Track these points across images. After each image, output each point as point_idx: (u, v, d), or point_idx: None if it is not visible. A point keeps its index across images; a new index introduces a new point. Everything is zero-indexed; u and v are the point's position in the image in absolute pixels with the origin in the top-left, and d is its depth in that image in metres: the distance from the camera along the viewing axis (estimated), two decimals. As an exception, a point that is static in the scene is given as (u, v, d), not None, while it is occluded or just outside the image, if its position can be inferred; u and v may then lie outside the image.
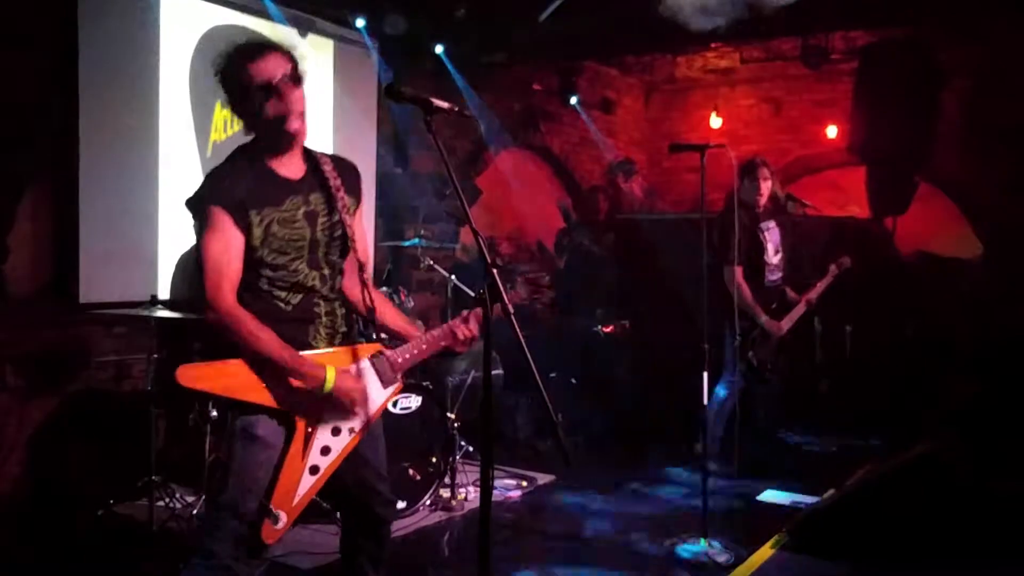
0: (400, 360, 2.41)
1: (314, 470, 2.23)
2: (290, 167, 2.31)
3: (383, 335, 2.51)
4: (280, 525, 2.18)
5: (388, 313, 2.51)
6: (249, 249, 2.22)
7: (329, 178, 2.34)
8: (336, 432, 2.26)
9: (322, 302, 2.31)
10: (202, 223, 2.20)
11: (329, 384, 2.20)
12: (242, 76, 2.20)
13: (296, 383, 2.20)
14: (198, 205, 2.22)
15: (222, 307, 2.16)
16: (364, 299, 2.43)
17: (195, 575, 2.16)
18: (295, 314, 2.24)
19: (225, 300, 2.17)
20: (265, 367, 2.19)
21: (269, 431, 2.18)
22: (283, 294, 2.26)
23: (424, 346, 2.43)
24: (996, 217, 6.88)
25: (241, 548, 2.15)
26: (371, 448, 2.40)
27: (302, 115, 2.25)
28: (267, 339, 2.17)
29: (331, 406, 2.26)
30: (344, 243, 2.37)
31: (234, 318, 2.16)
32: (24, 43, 3.95)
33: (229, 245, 2.19)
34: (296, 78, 2.24)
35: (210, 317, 2.17)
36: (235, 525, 2.15)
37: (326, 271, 2.33)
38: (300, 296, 2.27)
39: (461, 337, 2.43)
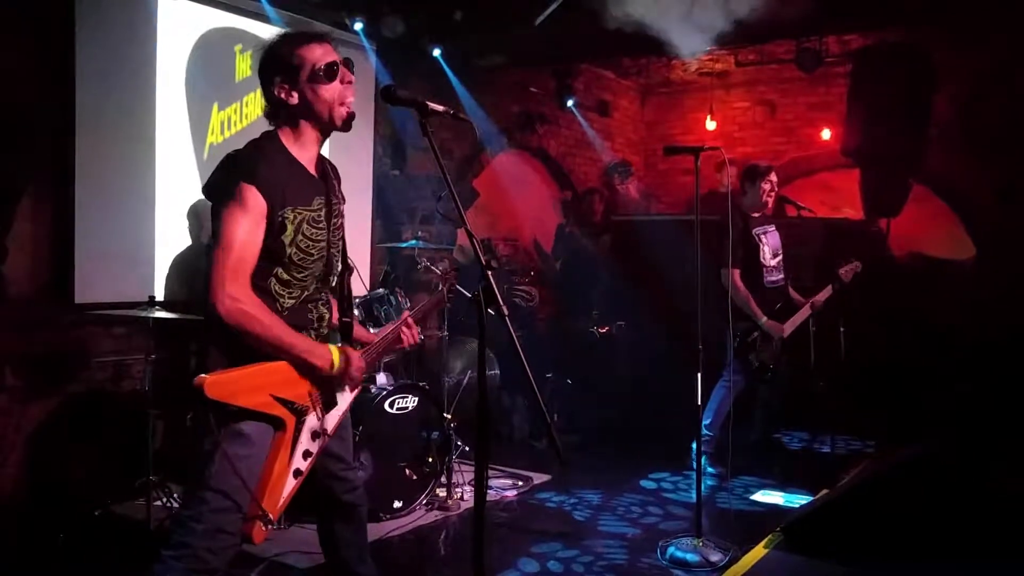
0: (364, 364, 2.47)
1: (297, 473, 2.27)
2: (311, 163, 2.30)
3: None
4: (270, 527, 2.21)
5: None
6: (275, 247, 2.16)
7: (331, 177, 2.37)
8: (315, 436, 2.31)
9: (315, 308, 2.33)
10: (230, 201, 2.09)
11: (338, 364, 2.27)
12: (305, 53, 2.19)
13: (304, 371, 2.22)
14: (227, 184, 2.12)
15: (240, 294, 2.08)
16: (342, 304, 2.46)
17: (167, 568, 2.08)
18: (289, 319, 2.22)
19: (244, 287, 2.10)
20: (278, 368, 2.17)
21: (255, 428, 2.17)
22: (291, 302, 2.24)
23: (382, 349, 2.55)
24: (989, 218, 6.93)
25: (217, 539, 2.11)
26: (335, 441, 2.42)
27: (351, 108, 2.26)
28: (281, 328, 2.15)
29: (330, 388, 2.30)
30: (345, 246, 2.41)
31: (252, 307, 2.10)
32: (21, 45, 3.97)
33: (255, 232, 2.11)
34: (352, 70, 2.26)
35: (223, 305, 2.05)
36: (215, 517, 2.11)
37: (330, 275, 2.35)
38: (299, 302, 2.27)
39: (408, 343, 2.55)
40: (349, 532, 2.51)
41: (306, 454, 2.28)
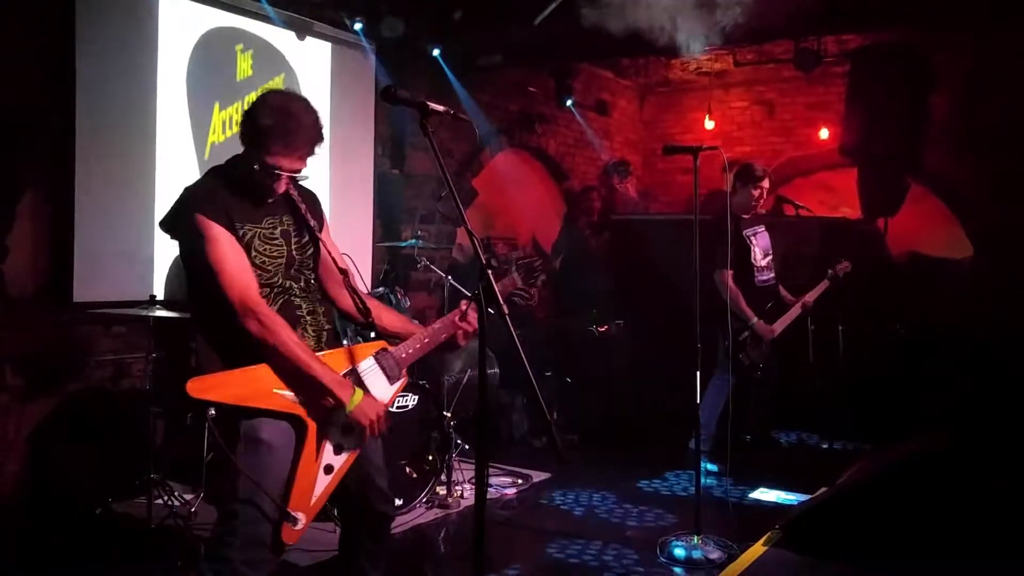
0: (404, 355, 2.46)
1: (328, 469, 2.26)
2: (264, 187, 2.36)
3: (389, 337, 2.55)
4: (299, 526, 2.19)
5: (385, 315, 2.55)
6: None
7: (296, 202, 2.42)
8: (348, 430, 2.30)
9: (303, 304, 2.36)
10: (197, 236, 2.23)
11: (351, 406, 2.25)
12: (277, 147, 2.23)
13: (314, 391, 2.23)
14: (181, 221, 2.27)
15: (262, 310, 2.18)
16: (357, 305, 2.48)
17: None
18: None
19: (263, 303, 2.20)
20: (284, 374, 2.20)
21: (276, 433, 2.20)
22: (273, 307, 2.29)
23: (427, 339, 2.48)
24: (987, 217, 6.95)
25: (253, 551, 2.14)
26: (370, 444, 2.44)
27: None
28: (303, 348, 2.21)
29: (344, 421, 2.29)
30: (316, 260, 2.44)
31: (274, 322, 2.18)
32: (21, 44, 3.97)
33: (239, 249, 2.23)
34: (300, 179, 2.35)
35: (251, 324, 2.16)
36: (248, 530, 2.14)
37: (301, 281, 2.39)
38: (281, 301, 2.32)
39: (468, 330, 2.47)
40: (372, 542, 2.52)
41: (338, 448, 2.27)
